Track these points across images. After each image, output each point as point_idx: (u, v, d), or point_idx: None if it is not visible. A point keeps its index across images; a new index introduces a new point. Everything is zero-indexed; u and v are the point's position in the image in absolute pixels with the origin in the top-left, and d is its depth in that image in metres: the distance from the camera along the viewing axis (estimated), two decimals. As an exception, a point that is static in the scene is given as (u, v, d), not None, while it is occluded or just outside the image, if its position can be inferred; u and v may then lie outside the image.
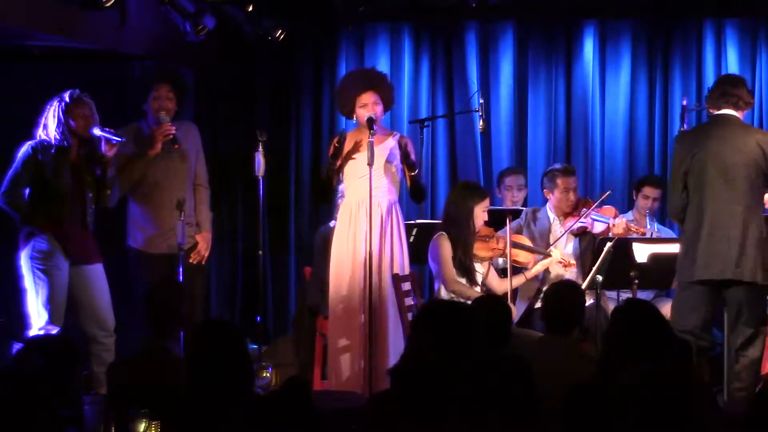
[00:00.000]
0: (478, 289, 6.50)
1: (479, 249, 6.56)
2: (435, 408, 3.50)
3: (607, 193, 7.08)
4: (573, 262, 6.85)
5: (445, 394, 3.48)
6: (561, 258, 6.82)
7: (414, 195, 6.53)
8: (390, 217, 6.30)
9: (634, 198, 7.51)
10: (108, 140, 6.30)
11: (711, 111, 5.99)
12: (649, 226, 7.16)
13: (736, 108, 5.90)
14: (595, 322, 6.27)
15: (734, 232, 5.73)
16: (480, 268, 6.62)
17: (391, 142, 6.37)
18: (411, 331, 4.45)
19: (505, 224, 6.64)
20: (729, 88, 5.91)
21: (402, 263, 6.31)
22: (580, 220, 6.90)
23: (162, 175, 6.61)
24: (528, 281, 6.80)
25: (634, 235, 6.73)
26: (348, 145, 6.35)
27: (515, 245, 6.65)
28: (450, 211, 6.55)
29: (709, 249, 5.74)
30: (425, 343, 4.09)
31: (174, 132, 6.54)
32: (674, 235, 6.65)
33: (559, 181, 7.01)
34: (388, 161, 6.32)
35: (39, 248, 6.22)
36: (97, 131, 6.31)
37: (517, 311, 6.76)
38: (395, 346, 6.19)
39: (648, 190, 7.36)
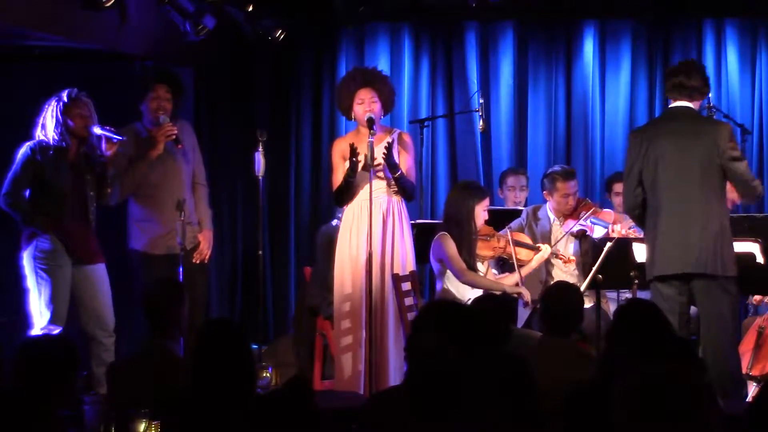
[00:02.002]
0: (478, 290, 6.48)
1: (480, 248, 6.56)
2: (446, 407, 3.50)
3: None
4: (573, 258, 6.84)
5: (457, 392, 3.48)
6: (560, 255, 6.80)
7: (401, 195, 6.37)
8: (392, 217, 6.28)
9: (608, 199, 7.53)
10: (108, 139, 6.30)
11: (669, 101, 5.93)
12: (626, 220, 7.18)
13: (691, 99, 5.83)
14: (594, 323, 6.26)
15: (691, 227, 5.67)
16: (480, 268, 6.61)
17: (392, 140, 6.36)
18: (411, 331, 4.45)
19: (504, 224, 6.65)
20: (684, 79, 5.81)
21: (405, 263, 6.30)
22: (580, 223, 6.88)
23: (163, 176, 6.60)
24: (533, 285, 6.80)
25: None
26: (348, 146, 6.33)
27: (517, 243, 6.65)
28: (450, 212, 6.53)
29: (669, 244, 5.70)
30: (426, 342, 4.09)
31: (176, 132, 6.55)
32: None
33: (558, 185, 6.98)
34: None
35: (42, 248, 6.22)
36: (97, 130, 6.31)
37: (518, 316, 6.73)
38: (396, 346, 6.19)
39: (618, 187, 7.38)
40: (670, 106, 5.90)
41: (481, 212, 6.49)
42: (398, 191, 6.32)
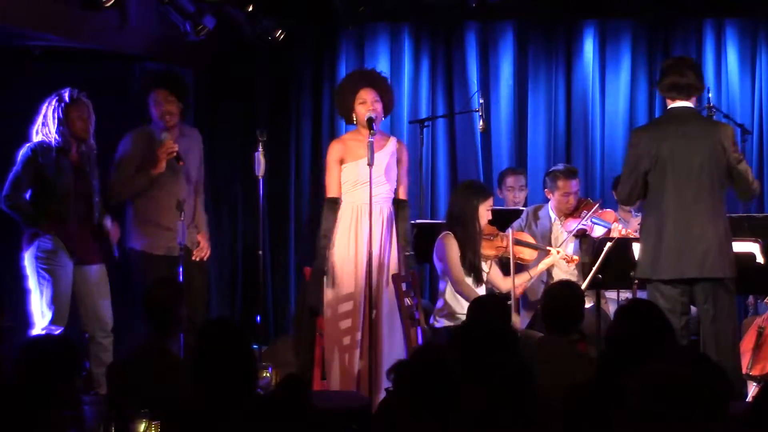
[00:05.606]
0: (482, 289, 6.50)
1: (483, 248, 6.57)
2: (438, 408, 3.50)
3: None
4: (576, 257, 6.83)
5: (450, 394, 3.48)
6: (564, 255, 6.81)
7: None
8: (391, 223, 6.28)
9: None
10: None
11: (666, 101, 5.89)
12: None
13: (689, 97, 5.80)
14: (594, 323, 6.26)
15: (698, 230, 5.65)
16: (484, 267, 6.61)
17: (392, 147, 6.35)
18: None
19: (504, 224, 6.66)
20: (678, 78, 5.77)
21: (402, 265, 6.30)
22: (581, 223, 6.88)
23: (165, 178, 6.58)
24: (534, 286, 6.80)
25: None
26: (348, 148, 6.32)
27: (519, 243, 6.65)
28: (454, 211, 6.54)
29: (675, 248, 5.67)
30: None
31: (177, 150, 6.52)
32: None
33: (560, 183, 6.99)
34: (389, 168, 6.29)
35: (44, 248, 6.22)
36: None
37: (520, 320, 6.71)
38: (394, 346, 6.18)
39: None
40: (670, 106, 5.86)
41: (485, 212, 6.51)
42: None
